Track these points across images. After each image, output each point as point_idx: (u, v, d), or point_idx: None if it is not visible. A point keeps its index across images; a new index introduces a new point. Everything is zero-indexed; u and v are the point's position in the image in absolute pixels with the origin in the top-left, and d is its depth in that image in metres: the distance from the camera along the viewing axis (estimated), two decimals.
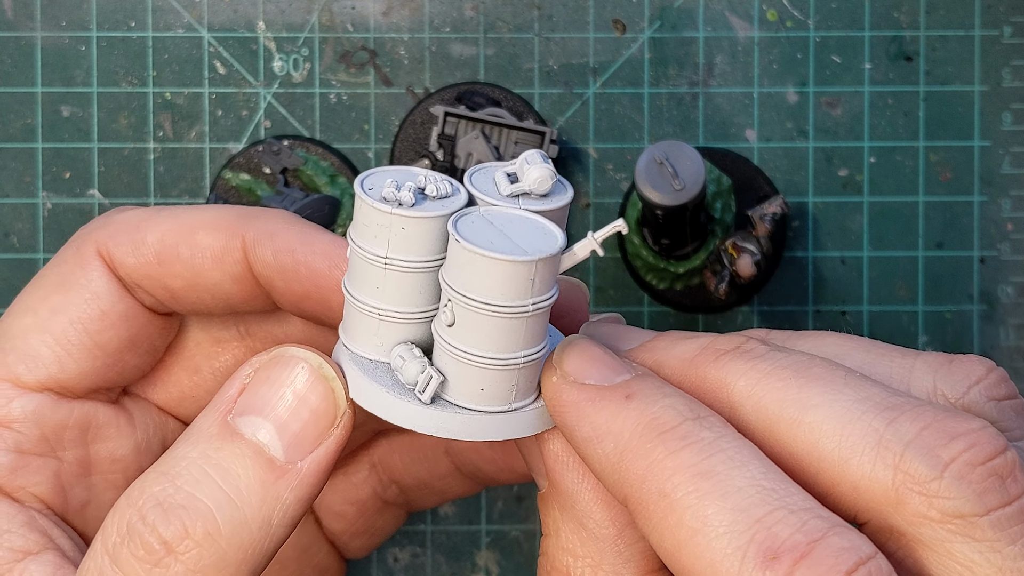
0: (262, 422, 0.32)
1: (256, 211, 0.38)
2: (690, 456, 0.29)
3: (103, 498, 0.38)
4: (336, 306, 0.36)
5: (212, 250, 0.37)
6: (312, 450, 0.33)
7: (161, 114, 0.53)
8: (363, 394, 0.33)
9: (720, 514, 0.28)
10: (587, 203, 0.53)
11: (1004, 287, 0.53)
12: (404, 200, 0.32)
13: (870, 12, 0.53)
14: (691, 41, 0.53)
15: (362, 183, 0.33)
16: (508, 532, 0.53)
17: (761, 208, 0.51)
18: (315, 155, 0.53)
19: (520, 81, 0.53)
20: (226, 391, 0.33)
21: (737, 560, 0.28)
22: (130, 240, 0.38)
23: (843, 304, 0.53)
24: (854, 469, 0.29)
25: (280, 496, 0.32)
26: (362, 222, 0.32)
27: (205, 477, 0.32)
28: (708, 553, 0.28)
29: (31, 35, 0.53)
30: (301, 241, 0.37)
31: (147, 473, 0.33)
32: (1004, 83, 0.53)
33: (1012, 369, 0.53)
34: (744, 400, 0.31)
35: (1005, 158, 0.53)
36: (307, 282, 0.37)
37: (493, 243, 0.31)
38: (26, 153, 0.53)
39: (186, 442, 0.33)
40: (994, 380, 0.32)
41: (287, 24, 0.53)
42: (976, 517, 0.28)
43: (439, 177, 0.33)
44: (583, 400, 0.32)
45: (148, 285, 0.38)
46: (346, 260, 0.35)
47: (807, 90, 0.53)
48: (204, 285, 0.38)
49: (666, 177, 0.47)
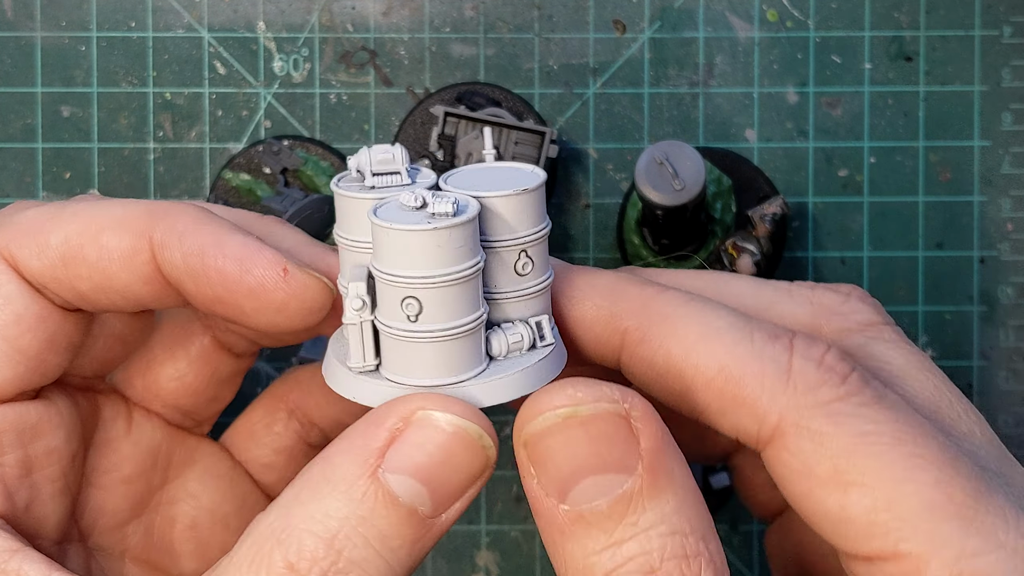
0: (415, 483, 0.33)
1: (165, 208, 0.37)
2: (676, 294, 0.36)
3: (44, 493, 0.38)
4: (248, 311, 0.36)
5: (119, 252, 0.36)
6: (456, 502, 0.33)
7: (161, 114, 0.53)
8: (333, 376, 0.35)
9: (719, 319, 0.35)
10: (587, 203, 0.53)
11: (1004, 287, 0.53)
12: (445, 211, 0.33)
13: (870, 12, 0.53)
14: (691, 41, 0.53)
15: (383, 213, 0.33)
16: (508, 532, 0.53)
17: (761, 208, 0.51)
18: (315, 155, 0.53)
19: (520, 81, 0.53)
20: (371, 439, 0.33)
21: (749, 342, 0.34)
22: (34, 242, 0.36)
23: None
24: (780, 310, 0.38)
25: (425, 547, 0.33)
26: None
27: (366, 545, 0.32)
28: (721, 345, 0.34)
29: (31, 35, 0.53)
30: (212, 243, 0.36)
31: (300, 530, 0.32)
32: (1004, 83, 0.53)
33: (1012, 370, 0.53)
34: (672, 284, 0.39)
35: (1005, 158, 0.53)
36: (218, 287, 0.36)
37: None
38: (26, 153, 0.53)
39: (333, 494, 0.33)
40: (860, 293, 0.40)
41: (287, 24, 0.53)
42: (882, 325, 0.38)
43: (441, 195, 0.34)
44: (576, 275, 0.37)
45: (55, 287, 0.37)
46: (258, 261, 0.36)
47: (807, 90, 0.53)
48: (113, 287, 0.37)
49: (666, 177, 0.47)
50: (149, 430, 0.42)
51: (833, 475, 0.32)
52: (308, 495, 0.33)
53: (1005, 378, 0.53)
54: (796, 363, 0.34)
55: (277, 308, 0.36)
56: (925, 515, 0.32)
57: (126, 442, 0.41)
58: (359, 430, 0.33)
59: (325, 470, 0.33)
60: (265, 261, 0.36)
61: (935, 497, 0.32)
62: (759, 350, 0.34)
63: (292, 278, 0.36)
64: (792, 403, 0.33)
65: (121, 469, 0.41)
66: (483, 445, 0.33)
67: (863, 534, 0.32)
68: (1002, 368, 0.53)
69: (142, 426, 0.42)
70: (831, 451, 0.33)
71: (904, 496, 0.32)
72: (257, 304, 0.36)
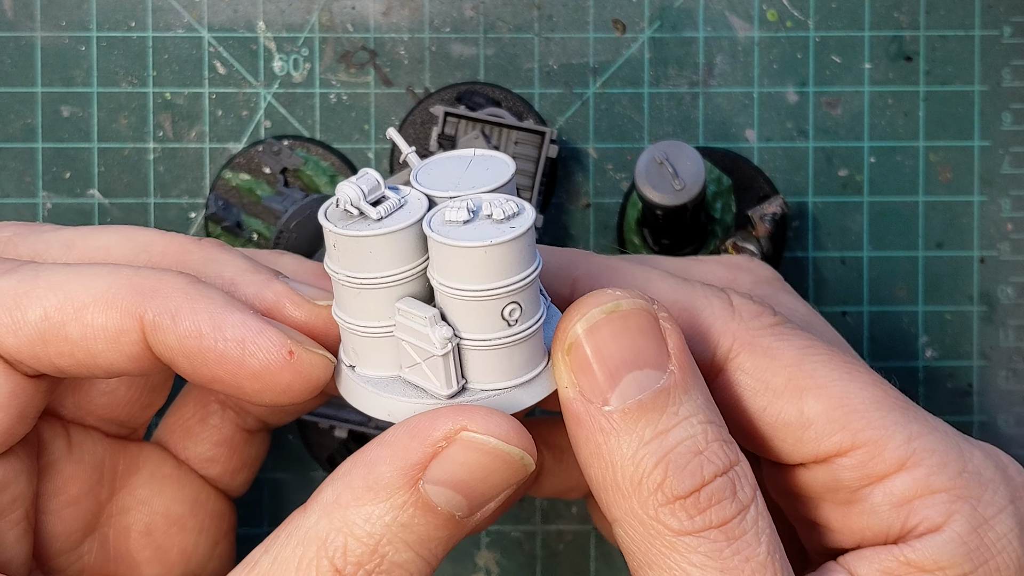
0: (454, 495, 0.34)
1: (152, 283, 0.35)
2: (618, 259, 0.40)
3: (9, 538, 0.37)
4: (250, 392, 0.35)
5: (105, 332, 0.34)
6: (491, 503, 0.35)
7: (161, 114, 0.53)
8: (400, 411, 0.35)
9: (660, 274, 0.39)
10: (587, 203, 0.53)
11: (1004, 287, 0.53)
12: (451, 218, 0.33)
13: (870, 12, 0.53)
14: (691, 41, 0.53)
15: (432, 225, 0.33)
16: (508, 532, 0.53)
17: (761, 208, 0.51)
18: (315, 155, 0.53)
19: (520, 81, 0.53)
20: (414, 453, 0.33)
21: (689, 286, 0.38)
22: (9, 318, 0.34)
23: (843, 304, 0.53)
24: (700, 270, 0.42)
25: (458, 541, 0.35)
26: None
27: (407, 549, 0.34)
28: (667, 286, 0.38)
29: (31, 35, 0.53)
30: (210, 324, 0.34)
31: (344, 533, 0.33)
32: (1004, 83, 0.53)
33: (1011, 370, 0.53)
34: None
35: (1005, 158, 0.53)
36: (217, 368, 0.34)
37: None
38: (26, 153, 0.53)
39: (376, 500, 0.33)
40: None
41: (287, 24, 0.53)
42: (782, 281, 0.43)
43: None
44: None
45: (33, 363, 0.35)
46: (261, 344, 0.34)
47: (807, 90, 0.53)
48: (98, 364, 0.35)
49: (666, 177, 0.47)
50: (89, 445, 0.41)
51: (788, 384, 0.36)
52: (350, 498, 0.34)
53: (1005, 378, 0.53)
54: (735, 300, 0.38)
55: (283, 390, 0.35)
56: (873, 408, 0.36)
57: (68, 462, 0.40)
58: (403, 440, 0.34)
59: (367, 476, 0.33)
60: (268, 344, 0.34)
61: (876, 393, 0.37)
62: (702, 291, 0.38)
63: (298, 360, 0.34)
64: (742, 327, 0.37)
65: (68, 490, 0.40)
66: (524, 464, 0.34)
67: (824, 432, 0.36)
68: (1002, 368, 0.53)
69: (82, 443, 0.41)
70: (783, 363, 0.37)
71: (852, 394, 0.36)
72: (260, 386, 0.35)
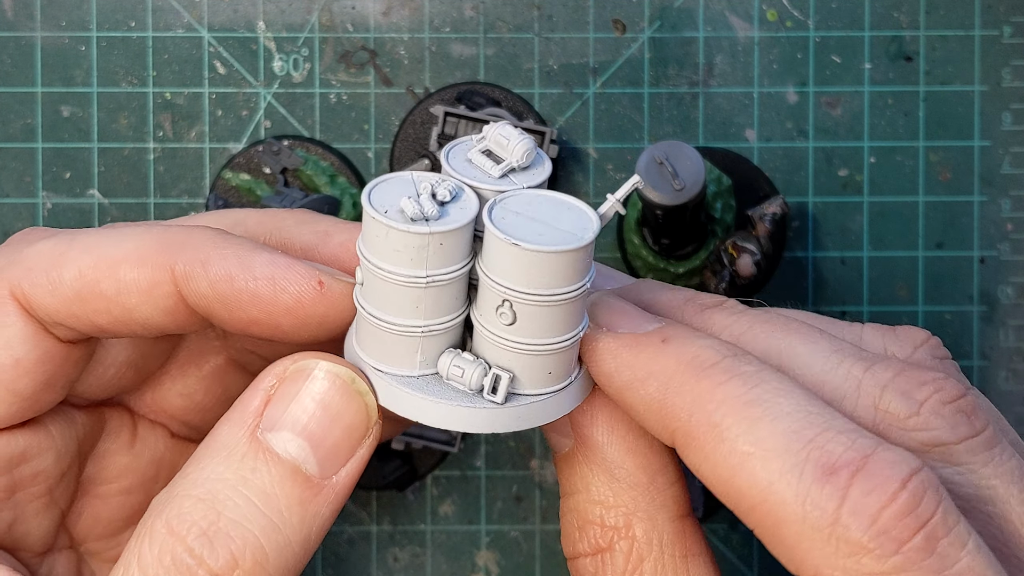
0: (293, 438, 0.32)
1: (182, 236, 0.35)
2: (736, 387, 0.31)
3: (27, 511, 0.38)
4: (287, 328, 0.35)
5: (138, 285, 0.35)
6: (345, 463, 0.33)
7: (161, 114, 0.53)
8: (435, 415, 0.33)
9: (773, 437, 0.30)
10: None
11: (1004, 287, 0.53)
12: (430, 214, 0.32)
13: (870, 12, 0.53)
14: (691, 41, 0.53)
15: (373, 205, 0.32)
16: (508, 532, 0.53)
17: (761, 208, 0.51)
18: (315, 155, 0.53)
19: (520, 81, 0.53)
20: (249, 403, 0.33)
21: (796, 476, 0.29)
22: (46, 279, 0.35)
23: (843, 304, 0.53)
24: (844, 406, 0.32)
25: (319, 512, 0.33)
26: (393, 248, 0.32)
27: (247, 503, 0.32)
28: (765, 473, 0.29)
29: (31, 35, 0.53)
30: (239, 267, 0.34)
31: (180, 495, 0.32)
32: (1004, 83, 0.53)
33: (1012, 370, 0.53)
34: None
35: (1005, 158, 0.53)
36: (252, 309, 0.35)
37: (542, 235, 0.31)
38: (26, 153, 0.53)
39: (214, 459, 0.32)
40: (935, 343, 0.36)
41: (287, 24, 0.53)
42: (952, 445, 0.32)
43: (439, 178, 0.33)
44: (621, 347, 0.33)
45: (71, 323, 0.35)
46: (291, 277, 0.34)
47: (807, 90, 0.53)
48: (134, 319, 0.35)
49: (666, 177, 0.47)
50: (152, 441, 0.41)
51: None
52: (191, 466, 0.33)
53: (1005, 378, 0.53)
54: (844, 516, 0.29)
55: (318, 322, 0.35)
56: None
57: (127, 455, 0.40)
58: (240, 399, 0.33)
59: (208, 442, 0.33)
60: (298, 276, 0.34)
61: None
62: (806, 490, 0.29)
63: (329, 290, 0.34)
64: (829, 564, 0.29)
65: (120, 480, 0.40)
66: (358, 390, 0.33)
67: None
68: (1002, 368, 0.53)
69: (146, 439, 0.41)
70: None
71: None
72: (296, 321, 0.35)
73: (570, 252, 0.31)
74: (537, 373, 0.33)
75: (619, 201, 0.33)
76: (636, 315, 0.34)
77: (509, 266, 0.31)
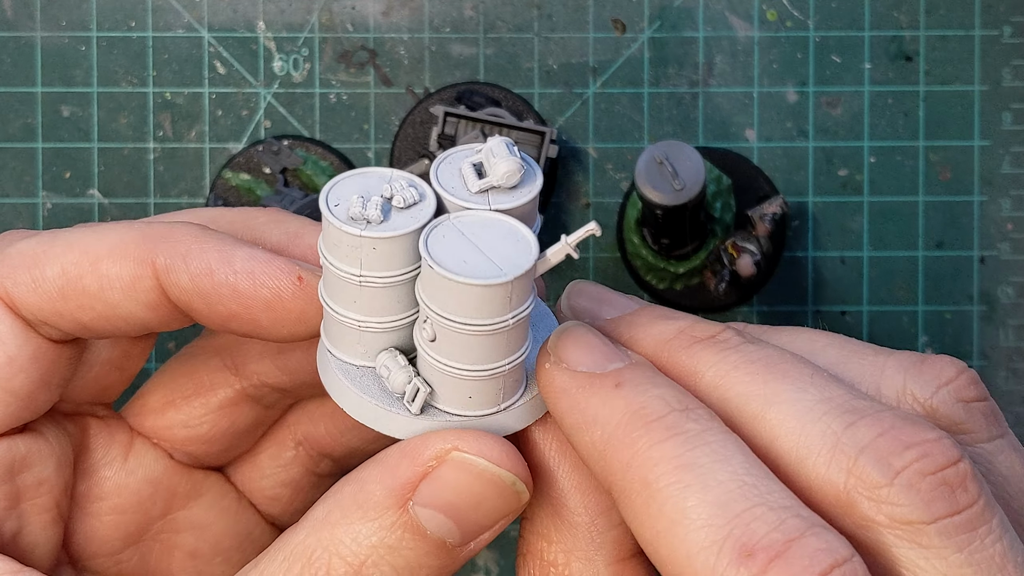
0: (444, 519, 0.32)
1: (163, 230, 0.35)
2: (674, 447, 0.29)
3: (34, 523, 0.37)
4: (266, 324, 0.35)
5: (120, 280, 0.35)
6: (484, 532, 0.33)
7: (161, 114, 0.53)
8: (352, 405, 0.33)
9: (700, 507, 0.28)
10: (587, 203, 0.53)
11: (1004, 287, 0.53)
12: (372, 217, 0.31)
13: (870, 12, 0.53)
14: (691, 41, 0.53)
15: (327, 199, 0.32)
16: (508, 532, 0.53)
17: (761, 208, 0.51)
18: (315, 155, 0.53)
19: (520, 81, 0.53)
20: (404, 471, 0.32)
21: (713, 554, 0.28)
22: (29, 276, 0.35)
23: (843, 304, 0.53)
24: (809, 469, 0.29)
25: (451, 573, 0.33)
26: (332, 240, 0.32)
27: (392, 573, 0.32)
28: (685, 545, 0.28)
29: (31, 35, 0.53)
30: (219, 260, 0.35)
31: (323, 541, 0.32)
32: (1004, 83, 0.53)
33: (1011, 370, 0.53)
34: (710, 391, 0.32)
35: (1005, 158, 0.53)
36: (231, 303, 0.35)
37: (467, 262, 0.31)
38: (26, 153, 0.53)
39: (363, 519, 0.32)
40: (964, 382, 0.32)
41: (287, 24, 0.53)
42: (923, 524, 0.28)
43: (405, 182, 0.32)
44: (574, 387, 0.32)
45: (55, 321, 0.35)
46: (270, 272, 0.34)
47: (807, 90, 0.53)
48: (118, 315, 0.35)
49: (666, 177, 0.47)
50: (149, 462, 0.41)
51: None
52: (338, 516, 0.32)
53: (1005, 378, 0.53)
54: None
55: (296, 318, 0.35)
56: None
57: (120, 471, 0.40)
58: (393, 459, 0.32)
59: (357, 494, 0.32)
60: (277, 271, 0.35)
61: None
62: (721, 570, 0.28)
63: (308, 285, 0.35)
64: None
65: (112, 498, 0.40)
66: (517, 491, 0.33)
67: None
68: (1002, 368, 0.53)
69: (140, 458, 0.40)
70: None
71: None
72: (274, 316, 0.35)
73: (478, 287, 0.30)
74: (456, 394, 0.33)
75: (571, 245, 0.32)
76: (600, 352, 0.32)
77: (428, 284, 0.31)
